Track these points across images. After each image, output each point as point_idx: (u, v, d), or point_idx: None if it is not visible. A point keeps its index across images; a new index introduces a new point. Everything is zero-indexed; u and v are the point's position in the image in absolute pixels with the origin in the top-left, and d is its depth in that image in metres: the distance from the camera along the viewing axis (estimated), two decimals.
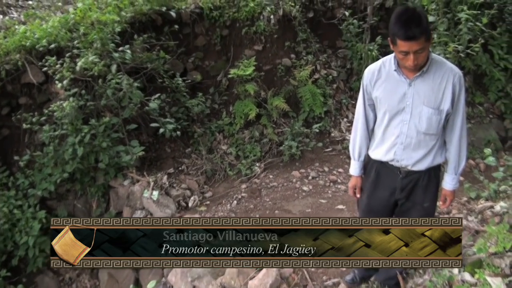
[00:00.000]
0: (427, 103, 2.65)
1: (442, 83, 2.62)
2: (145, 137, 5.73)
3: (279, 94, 6.47)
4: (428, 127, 2.68)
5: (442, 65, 2.65)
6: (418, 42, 2.42)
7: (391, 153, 2.82)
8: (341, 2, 6.89)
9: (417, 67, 2.57)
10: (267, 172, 6.03)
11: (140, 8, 5.72)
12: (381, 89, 2.76)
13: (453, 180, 2.87)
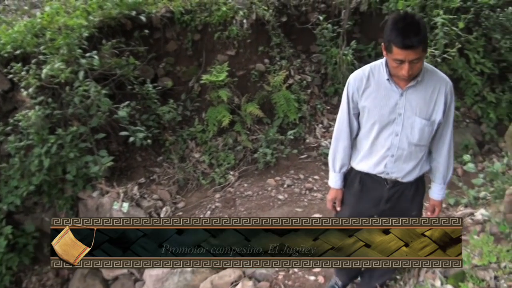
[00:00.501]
0: (419, 114, 2.60)
1: (434, 93, 2.59)
2: (114, 146, 5.66)
3: (253, 100, 6.47)
4: (420, 138, 2.64)
5: (434, 74, 2.62)
6: (415, 52, 2.36)
7: (381, 166, 2.75)
8: (314, 7, 6.93)
9: (411, 77, 2.50)
10: (241, 181, 6.02)
11: (109, 12, 5.65)
12: (370, 98, 2.67)
13: (441, 190, 2.88)
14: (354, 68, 6.56)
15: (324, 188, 5.84)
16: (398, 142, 2.66)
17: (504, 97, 6.27)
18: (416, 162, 2.72)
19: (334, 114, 6.82)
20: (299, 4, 6.86)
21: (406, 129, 2.63)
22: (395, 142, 2.67)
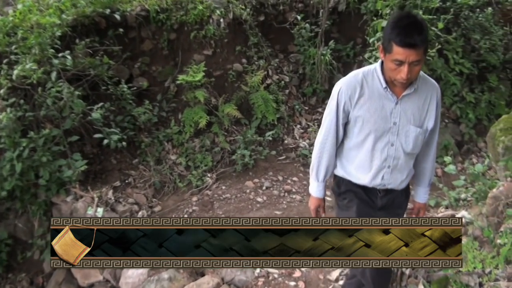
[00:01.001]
0: (413, 122, 2.56)
1: (427, 101, 2.57)
2: (88, 149, 5.60)
3: (230, 100, 6.49)
4: (414, 146, 2.61)
5: (426, 81, 2.59)
6: (417, 52, 2.28)
7: (378, 179, 2.67)
8: (292, 6, 7.00)
9: (408, 82, 2.42)
10: (219, 183, 6.03)
11: (83, 10, 5.60)
12: (364, 108, 2.56)
13: (426, 193, 2.91)
14: (333, 68, 6.66)
15: (303, 190, 5.89)
16: (394, 152, 2.60)
17: (483, 97, 6.40)
18: (408, 170, 2.71)
19: (312, 115, 6.90)
20: (277, 3, 6.92)
21: (401, 138, 2.57)
22: (391, 152, 2.60)
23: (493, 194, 3.77)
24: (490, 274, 3.10)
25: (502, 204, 3.66)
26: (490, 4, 6.74)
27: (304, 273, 4.18)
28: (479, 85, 6.60)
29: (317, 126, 6.70)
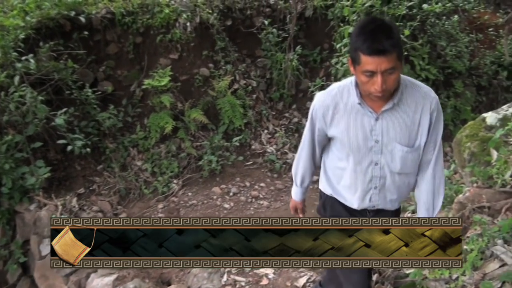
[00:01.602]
0: (400, 140, 2.29)
1: (417, 114, 2.26)
2: (52, 155, 5.55)
3: (197, 105, 6.53)
4: (403, 167, 2.36)
5: (415, 90, 2.28)
6: (388, 59, 2.03)
7: (366, 201, 2.50)
8: (260, 11, 7.08)
9: (386, 94, 2.15)
10: (185, 189, 6.08)
11: (48, 12, 5.56)
12: (340, 126, 2.37)
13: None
14: (300, 74, 6.81)
15: (270, 196, 6.00)
16: (379, 171, 2.39)
17: (449, 103, 6.63)
18: (401, 189, 2.49)
19: (280, 120, 7.02)
20: (244, 8, 6.98)
21: (386, 157, 2.35)
22: (375, 172, 2.40)
23: (459, 199, 3.93)
24: (457, 280, 3.18)
25: (469, 209, 3.83)
26: (457, 12, 7.00)
27: (271, 280, 4.27)
28: (445, 91, 6.84)
29: (284, 131, 6.83)
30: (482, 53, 7.52)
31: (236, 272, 4.35)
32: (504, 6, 7.94)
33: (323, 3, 6.91)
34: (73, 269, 5.04)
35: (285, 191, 6.08)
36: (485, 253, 3.40)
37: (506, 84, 7.23)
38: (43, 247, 5.13)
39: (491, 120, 4.75)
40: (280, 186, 6.15)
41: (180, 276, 4.59)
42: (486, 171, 4.12)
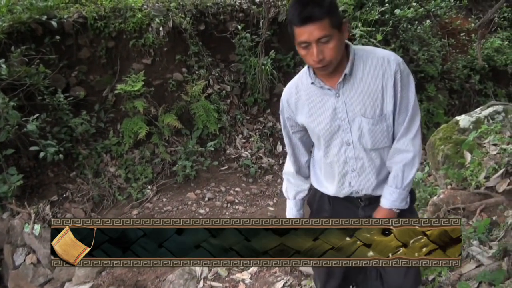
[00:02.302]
0: (364, 113, 2.19)
1: (377, 81, 2.15)
2: (24, 162, 5.58)
3: (170, 110, 6.62)
4: (374, 141, 2.24)
5: (371, 56, 2.17)
6: (318, 26, 1.95)
7: (346, 187, 2.38)
8: (233, 16, 7.21)
9: (328, 65, 2.07)
10: (160, 195, 6.16)
11: (19, 17, 5.59)
12: (305, 111, 2.33)
13: (392, 195, 2.30)
14: (273, 78, 6.97)
15: (246, 201, 6.12)
16: (354, 152, 2.29)
17: (421, 106, 6.83)
18: (381, 170, 2.34)
19: (254, 124, 7.16)
20: (217, 13, 7.10)
21: (355, 134, 2.25)
22: (349, 153, 2.30)
23: (434, 201, 4.09)
24: (434, 281, 3.31)
25: (443, 211, 3.99)
26: (429, 17, 7.25)
27: (248, 286, 4.36)
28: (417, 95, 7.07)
29: (258, 136, 6.97)
30: (454, 57, 7.79)
31: (212, 278, 4.45)
32: (476, 11, 8.25)
33: None
34: (47, 278, 5.12)
35: (261, 195, 6.23)
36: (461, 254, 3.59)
37: (478, 87, 7.51)
38: (16, 257, 5.18)
39: (464, 123, 4.94)
40: (256, 190, 6.29)
41: (156, 283, 4.67)
42: (460, 173, 4.28)
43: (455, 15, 7.72)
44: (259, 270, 4.52)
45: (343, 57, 2.12)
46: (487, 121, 5.16)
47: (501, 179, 4.36)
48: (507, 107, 5.33)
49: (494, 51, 7.64)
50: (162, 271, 4.77)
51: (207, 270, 4.54)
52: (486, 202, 4.18)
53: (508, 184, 4.28)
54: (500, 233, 3.69)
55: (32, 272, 5.12)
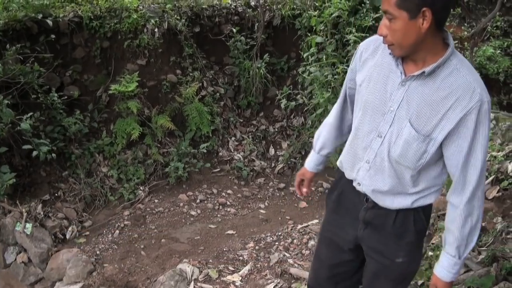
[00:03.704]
0: (413, 120, 1.96)
1: (447, 102, 1.88)
2: (17, 161, 5.60)
3: (164, 112, 6.67)
4: (402, 154, 2.02)
5: (462, 74, 1.88)
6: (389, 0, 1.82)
7: (354, 171, 2.26)
8: (228, 19, 7.27)
9: (392, 47, 1.92)
10: (152, 196, 6.22)
11: (14, 15, 5.63)
12: (365, 72, 2.14)
13: (454, 267, 2.08)
14: (267, 82, 7.05)
15: (238, 203, 6.19)
16: (378, 147, 2.11)
17: None
18: (397, 185, 2.13)
19: (247, 127, 7.24)
20: (213, 15, 7.16)
21: (392, 134, 2.05)
22: (374, 145, 2.12)
23: None
24: (423, 286, 3.38)
25: (433, 217, 4.09)
26: None
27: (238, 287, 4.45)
28: None
29: (251, 139, 7.04)
30: None
31: (203, 280, 4.51)
32: (469, 20, 8.37)
33: (291, 13, 7.15)
34: (38, 277, 5.15)
35: (252, 198, 6.30)
36: None
37: None
38: (7, 255, 5.21)
39: None
40: (247, 193, 6.36)
41: (146, 284, 4.72)
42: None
43: (449, 23, 7.83)
44: (250, 272, 4.60)
45: (435, 52, 1.90)
46: None
47: (491, 186, 4.47)
48: (498, 115, 5.44)
49: (486, 60, 7.75)
50: (153, 272, 4.83)
51: (198, 272, 4.60)
52: None
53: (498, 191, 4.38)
54: (489, 239, 3.78)
55: (22, 271, 5.15)
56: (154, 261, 5.02)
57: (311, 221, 5.53)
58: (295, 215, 5.89)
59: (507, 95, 7.91)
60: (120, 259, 5.12)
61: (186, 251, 5.17)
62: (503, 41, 8.20)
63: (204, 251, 5.15)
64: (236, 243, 5.23)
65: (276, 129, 7.30)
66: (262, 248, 5.10)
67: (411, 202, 2.13)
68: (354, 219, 2.32)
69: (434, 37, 1.87)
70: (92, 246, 5.37)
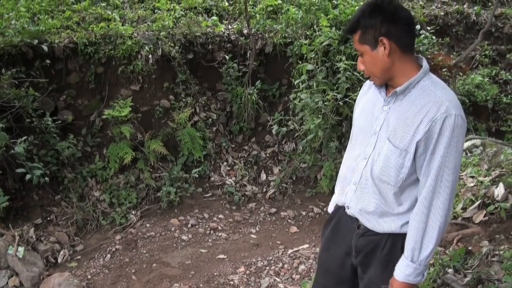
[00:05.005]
0: (392, 137, 2.12)
1: (418, 116, 2.04)
2: (10, 184, 5.66)
3: (157, 136, 6.77)
4: (383, 170, 2.15)
5: (432, 90, 2.06)
6: (354, 38, 2.12)
7: (343, 194, 2.40)
8: (221, 46, 7.41)
9: (371, 77, 2.19)
10: (143, 221, 6.26)
11: (11, 40, 5.77)
12: (360, 105, 2.39)
13: (407, 268, 2.15)
14: (259, 108, 7.17)
15: (229, 228, 6.23)
16: (363, 167, 2.25)
17: None
18: (381, 204, 2.24)
19: (239, 152, 7.33)
20: (206, 43, 7.29)
21: (375, 153, 2.20)
22: (360, 165, 2.27)
23: None
24: None
25: None
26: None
27: None
28: None
29: (243, 164, 7.13)
30: None
31: None
32: (458, 48, 8.56)
33: (283, 41, 7.29)
34: None
35: (243, 223, 6.35)
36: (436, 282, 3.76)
37: None
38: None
39: None
40: (239, 218, 6.41)
41: None
42: None
43: (437, 52, 8.00)
44: None
45: (406, 75, 2.11)
46: (465, 154, 5.40)
47: (478, 210, 4.58)
48: (485, 141, 5.58)
49: (475, 87, 7.91)
50: None
51: None
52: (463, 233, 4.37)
53: (484, 215, 4.49)
54: (475, 262, 3.88)
55: None
56: (145, 286, 5.05)
57: (302, 246, 5.59)
58: (286, 240, 5.93)
59: (495, 122, 8.05)
60: (111, 284, 5.14)
61: (177, 276, 5.20)
62: (492, 69, 8.39)
63: (195, 276, 5.18)
64: (227, 268, 5.28)
65: (267, 154, 7.40)
66: (253, 272, 5.16)
67: (399, 226, 2.21)
68: (348, 246, 2.40)
69: (402, 62, 2.10)
70: (83, 270, 5.38)
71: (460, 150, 2.04)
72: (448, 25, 8.69)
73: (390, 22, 2.02)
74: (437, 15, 8.61)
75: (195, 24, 7.38)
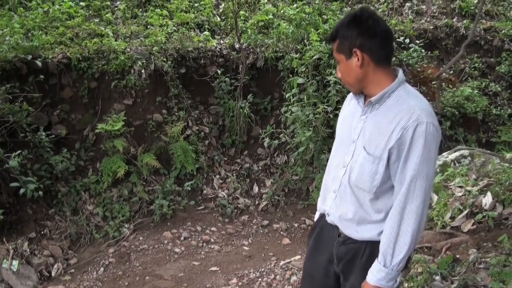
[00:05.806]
0: (367, 145, 2.21)
1: (391, 125, 2.12)
2: (4, 198, 5.73)
3: (149, 150, 6.86)
4: (358, 176, 2.24)
5: (406, 99, 2.14)
6: (333, 46, 2.24)
7: (325, 202, 2.51)
8: (213, 60, 7.52)
9: (349, 86, 2.30)
10: (136, 234, 6.31)
11: (5, 55, 5.87)
12: (342, 115, 2.50)
13: (379, 272, 2.21)
14: (251, 121, 7.28)
15: (222, 240, 6.29)
16: (342, 175, 2.33)
17: None
18: (360, 212, 2.31)
19: (232, 165, 7.43)
20: (198, 57, 7.41)
21: (352, 161, 2.29)
22: (339, 173, 2.35)
23: None
24: None
25: None
26: (401, 66, 7.63)
27: None
28: None
29: (235, 177, 7.23)
30: None
31: None
32: (447, 61, 8.71)
33: (274, 55, 7.42)
34: None
35: (236, 235, 6.42)
36: None
37: (449, 133, 7.86)
38: None
39: None
40: (231, 230, 6.48)
41: None
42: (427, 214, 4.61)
43: (427, 65, 8.14)
44: None
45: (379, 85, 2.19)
46: (454, 165, 5.50)
47: (466, 219, 4.67)
48: (473, 152, 5.69)
49: (464, 99, 8.04)
50: None
51: None
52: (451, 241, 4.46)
53: (472, 224, 4.59)
54: (462, 269, 3.97)
55: None
56: None
57: (294, 257, 5.66)
58: (278, 252, 6.00)
59: (485, 133, 8.18)
60: None
61: None
62: (481, 81, 8.54)
63: None
64: (219, 280, 5.34)
65: (260, 167, 7.49)
66: (245, 284, 5.22)
67: (377, 233, 2.26)
68: (330, 254, 2.47)
69: (376, 73, 2.18)
70: (77, 284, 5.42)
71: (433, 157, 2.09)
72: (438, 39, 8.85)
73: (366, 35, 2.12)
74: (426, 29, 8.77)
75: (187, 39, 7.52)
